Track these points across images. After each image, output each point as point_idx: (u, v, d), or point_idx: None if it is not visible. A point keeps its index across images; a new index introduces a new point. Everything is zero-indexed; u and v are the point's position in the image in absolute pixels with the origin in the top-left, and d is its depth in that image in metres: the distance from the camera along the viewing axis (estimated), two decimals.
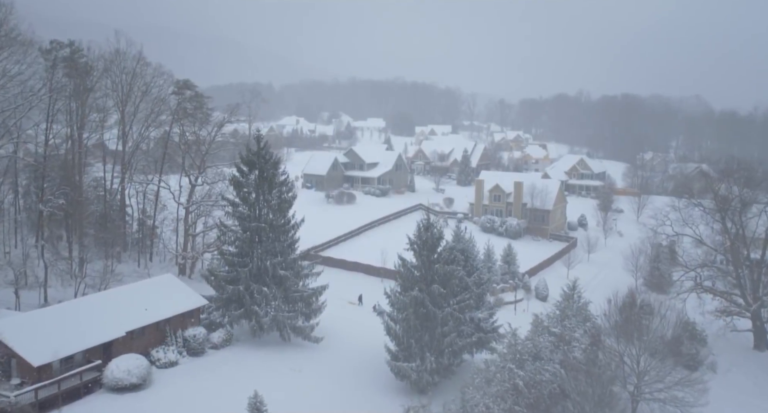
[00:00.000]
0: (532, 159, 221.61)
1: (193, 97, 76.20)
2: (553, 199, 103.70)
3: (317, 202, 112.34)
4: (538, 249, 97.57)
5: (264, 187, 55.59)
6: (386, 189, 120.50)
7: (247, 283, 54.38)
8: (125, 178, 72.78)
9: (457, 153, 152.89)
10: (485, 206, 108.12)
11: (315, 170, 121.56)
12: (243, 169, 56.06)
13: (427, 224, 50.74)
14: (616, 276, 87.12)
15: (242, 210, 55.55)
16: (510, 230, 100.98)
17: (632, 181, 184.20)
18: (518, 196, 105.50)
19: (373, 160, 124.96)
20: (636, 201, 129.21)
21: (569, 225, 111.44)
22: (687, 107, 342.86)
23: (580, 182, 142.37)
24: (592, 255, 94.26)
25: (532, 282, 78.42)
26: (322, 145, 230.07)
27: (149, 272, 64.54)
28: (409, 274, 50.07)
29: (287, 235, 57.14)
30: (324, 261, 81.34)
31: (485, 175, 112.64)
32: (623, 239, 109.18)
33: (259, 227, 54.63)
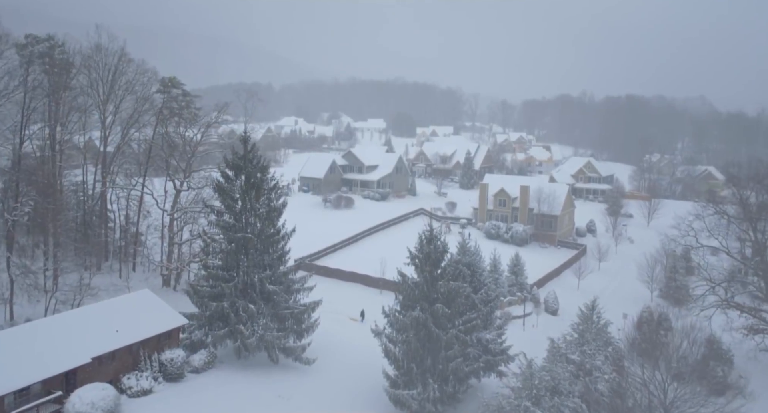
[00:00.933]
0: (536, 161, 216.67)
1: (179, 95, 71.50)
2: (561, 204, 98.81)
3: (314, 207, 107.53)
4: (545, 257, 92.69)
5: (251, 194, 50.73)
6: (386, 192, 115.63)
7: (232, 299, 49.54)
8: (106, 182, 67.92)
9: (459, 155, 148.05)
10: (490, 211, 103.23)
11: (312, 173, 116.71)
12: (228, 173, 51.23)
13: (430, 236, 45.85)
14: (629, 287, 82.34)
15: (227, 219, 50.71)
16: (516, 237, 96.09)
17: (639, 184, 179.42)
18: (524, 201, 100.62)
19: (373, 163, 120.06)
20: (646, 205, 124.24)
21: (577, 232, 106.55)
22: (692, 108, 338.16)
23: (587, 185, 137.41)
24: (602, 264, 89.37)
25: (541, 294, 73.53)
26: (321, 146, 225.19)
27: (129, 285, 59.64)
28: (410, 292, 45.19)
29: (277, 247, 52.29)
30: (319, 270, 76.60)
31: (489, 179, 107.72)
32: (634, 246, 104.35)
33: (245, 238, 49.77)
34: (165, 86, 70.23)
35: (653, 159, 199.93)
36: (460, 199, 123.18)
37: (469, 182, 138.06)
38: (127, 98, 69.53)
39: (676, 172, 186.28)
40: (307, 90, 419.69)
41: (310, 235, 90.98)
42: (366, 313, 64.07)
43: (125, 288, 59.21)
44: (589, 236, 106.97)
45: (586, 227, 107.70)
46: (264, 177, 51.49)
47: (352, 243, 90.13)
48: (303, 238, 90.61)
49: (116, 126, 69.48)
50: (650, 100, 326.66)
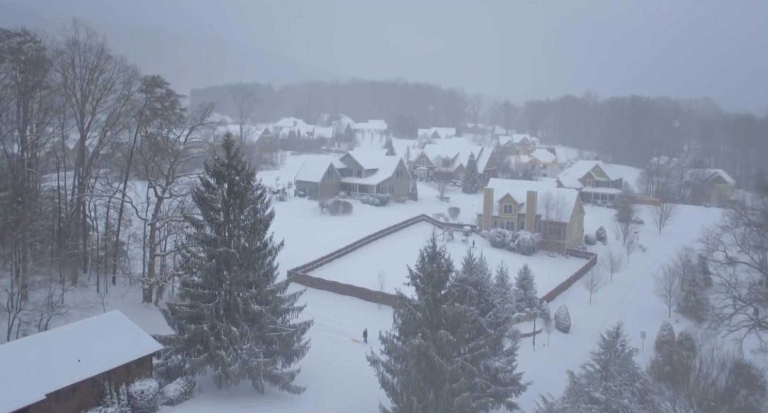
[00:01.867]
0: (540, 163, 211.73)
1: (163, 95, 66.57)
2: (570, 210, 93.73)
3: (310, 212, 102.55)
4: (554, 267, 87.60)
5: (235, 204, 45.78)
6: (386, 197, 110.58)
7: (212, 321, 44.58)
8: (83, 188, 62.91)
9: (462, 158, 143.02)
10: (495, 218, 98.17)
11: (308, 177, 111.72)
12: (209, 181, 46.26)
13: (433, 253, 40.80)
14: (645, 300, 77.21)
15: (208, 232, 45.73)
16: (523, 245, 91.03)
17: (647, 188, 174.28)
18: (531, 207, 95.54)
19: (372, 166, 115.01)
20: (656, 211, 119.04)
21: (587, 239, 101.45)
22: (697, 110, 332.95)
23: (595, 190, 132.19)
24: (615, 275, 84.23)
25: (551, 310, 68.45)
26: (321, 147, 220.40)
27: (104, 302, 54.65)
28: (410, 316, 40.23)
29: (263, 262, 47.30)
30: (313, 283, 71.71)
31: (495, 184, 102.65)
32: (647, 254, 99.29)
33: (227, 253, 44.81)
34: (147, 85, 65.34)
35: (660, 161, 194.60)
36: (463, 204, 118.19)
37: (473, 186, 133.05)
38: (106, 98, 64.60)
39: (684, 175, 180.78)
40: (307, 90, 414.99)
41: (305, 243, 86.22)
42: (369, 332, 58.63)
43: (100, 305, 54.25)
44: (599, 244, 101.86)
45: (596, 234, 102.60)
46: (249, 185, 46.53)
47: (350, 252, 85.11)
48: (298, 247, 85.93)
49: (95, 128, 64.55)
50: (655, 102, 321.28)
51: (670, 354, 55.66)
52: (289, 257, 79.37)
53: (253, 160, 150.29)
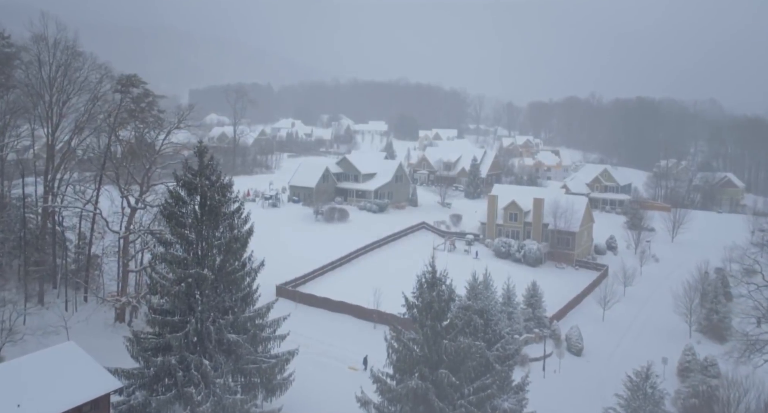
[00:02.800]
0: (544, 166, 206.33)
1: (140, 96, 61.22)
2: (579, 219, 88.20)
3: (304, 220, 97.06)
4: (563, 280, 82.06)
5: (209, 220, 40.32)
6: (384, 204, 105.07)
7: (181, 353, 39.14)
8: (50, 197, 57.52)
9: (464, 161, 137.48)
10: (499, 226, 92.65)
11: (303, 181, 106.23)
12: (179, 194, 40.81)
13: (432, 279, 35.33)
14: (661, 318, 71.67)
15: (177, 252, 40.24)
16: (529, 256, 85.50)
17: (655, 192, 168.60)
18: (538, 215, 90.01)
19: (370, 171, 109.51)
20: (667, 217, 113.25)
21: (596, 249, 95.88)
22: (703, 111, 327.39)
23: (603, 195, 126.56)
24: (628, 289, 78.64)
25: (562, 330, 62.93)
26: (319, 149, 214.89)
27: (67, 326, 49.18)
28: (406, 352, 34.78)
29: (241, 285, 41.86)
30: (304, 299, 66.34)
31: (499, 190, 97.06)
32: (660, 266, 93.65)
33: (199, 275, 39.32)
34: (123, 85, 59.96)
35: (668, 164, 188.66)
36: (465, 210, 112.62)
37: (476, 191, 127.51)
38: (79, 98, 59.29)
39: (694, 178, 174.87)
40: (307, 91, 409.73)
41: (297, 254, 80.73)
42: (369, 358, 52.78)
43: (62, 329, 48.82)
44: (609, 254, 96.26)
45: (606, 244, 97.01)
46: (224, 198, 41.08)
47: (344, 263, 79.61)
48: (289, 258, 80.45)
49: (65, 131, 59.20)
50: (660, 103, 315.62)
51: (696, 384, 50.17)
52: (279, 270, 74.11)
53: (247, 163, 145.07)
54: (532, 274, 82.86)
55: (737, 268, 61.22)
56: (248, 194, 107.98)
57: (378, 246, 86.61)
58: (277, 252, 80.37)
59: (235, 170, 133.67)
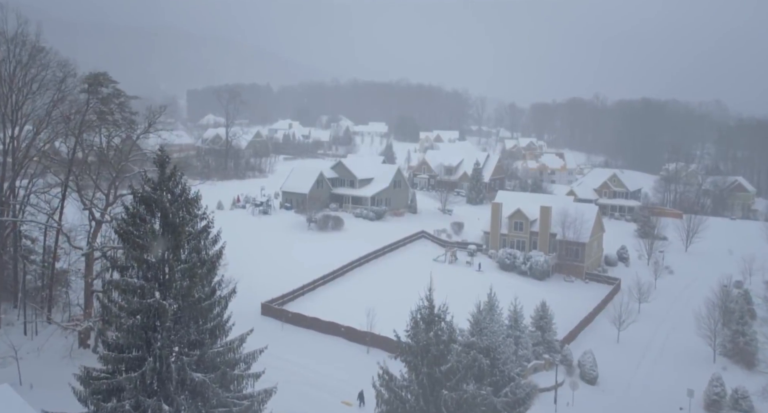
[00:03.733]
0: (549, 169, 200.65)
1: (110, 96, 55.60)
2: (590, 229, 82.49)
3: (296, 228, 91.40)
4: (572, 295, 76.41)
5: (171, 241, 34.66)
6: (381, 211, 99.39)
7: (136, 397, 33.49)
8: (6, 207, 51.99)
9: (466, 165, 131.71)
10: (503, 236, 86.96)
11: (296, 187, 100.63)
12: (137, 211, 35.15)
13: (429, 316, 29.68)
14: (681, 339, 65.90)
15: (131, 279, 34.57)
16: (536, 268, 79.84)
17: (664, 197, 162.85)
18: (545, 225, 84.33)
19: (367, 175, 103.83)
20: (679, 224, 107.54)
21: (607, 260, 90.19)
22: (708, 113, 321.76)
23: (612, 201, 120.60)
24: (642, 306, 72.97)
25: (574, 354, 57.25)
26: (317, 152, 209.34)
27: (17, 356, 43.49)
28: (398, 404, 29.11)
29: (208, 315, 36.15)
30: (291, 319, 60.73)
31: (503, 197, 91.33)
32: (675, 278, 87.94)
33: (159, 305, 33.66)
34: (90, 84, 54.33)
35: (672, 167, 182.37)
36: (467, 218, 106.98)
37: (478, 197, 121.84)
38: (41, 99, 53.79)
39: (704, 182, 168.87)
40: (307, 92, 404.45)
41: (287, 266, 75.05)
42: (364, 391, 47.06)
43: (13, 359, 43.18)
44: (620, 265, 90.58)
45: (617, 254, 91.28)
46: (190, 215, 35.44)
47: (338, 277, 73.92)
48: (278, 271, 74.69)
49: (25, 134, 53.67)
50: (666, 104, 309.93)
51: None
52: (266, 284, 68.55)
53: (240, 166, 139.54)
54: (539, 289, 77.34)
55: (758, 281, 55.26)
56: (238, 200, 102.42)
57: (374, 258, 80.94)
58: (266, 265, 74.98)
59: (227, 174, 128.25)
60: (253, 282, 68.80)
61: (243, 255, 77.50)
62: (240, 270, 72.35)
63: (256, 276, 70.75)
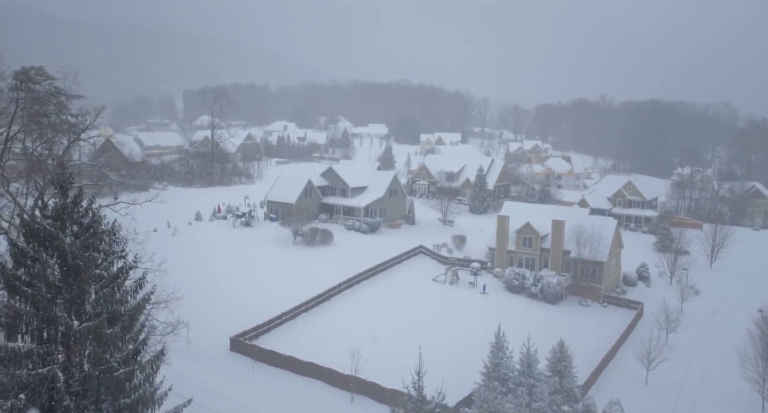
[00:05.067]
0: (555, 173, 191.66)
1: (46, 95, 46.78)
2: (608, 246, 73.39)
3: (280, 243, 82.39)
4: (590, 323, 67.30)
5: (73, 290, 25.72)
6: (376, 223, 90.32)
7: None
8: None
9: (469, 170, 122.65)
10: (511, 253, 77.95)
11: (281, 196, 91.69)
12: (23, 250, 26.18)
13: None
14: (718, 378, 56.73)
15: (16, 345, 25.53)
16: (547, 291, 70.78)
17: (678, 204, 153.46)
18: (558, 241, 75.28)
19: (360, 183, 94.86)
20: (703, 236, 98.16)
21: (625, 279, 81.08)
22: (717, 115, 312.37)
23: (627, 211, 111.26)
24: (670, 336, 63.82)
25: (598, 404, 48.11)
26: (312, 155, 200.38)
27: None
28: None
29: (125, 387, 27.20)
30: (264, 356, 51.77)
31: (510, 209, 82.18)
32: (702, 299, 78.53)
33: (54, 378, 24.78)
34: (21, 80, 45.54)
35: (684, 172, 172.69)
36: (470, 229, 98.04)
37: (482, 205, 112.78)
38: None
39: (720, 188, 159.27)
40: (305, 92, 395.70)
41: (266, 289, 65.69)
42: None
43: None
44: (641, 285, 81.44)
45: (637, 273, 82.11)
46: (99, 255, 26.48)
47: (323, 301, 64.89)
48: (255, 295, 65.49)
49: None
50: (675, 106, 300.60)
51: None
52: (240, 313, 59.47)
53: (227, 171, 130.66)
54: (551, 315, 68.39)
55: None
56: (219, 210, 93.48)
57: (366, 278, 71.94)
58: (240, 287, 66.04)
59: (211, 180, 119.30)
60: (223, 309, 60.02)
61: (215, 275, 68.67)
62: (209, 294, 63.63)
63: (228, 302, 61.97)
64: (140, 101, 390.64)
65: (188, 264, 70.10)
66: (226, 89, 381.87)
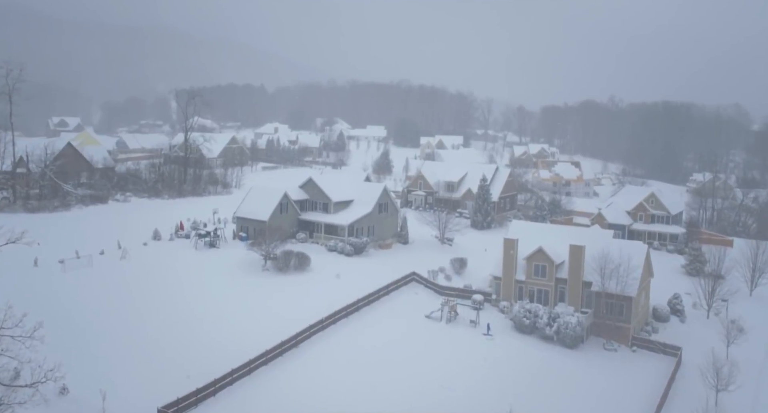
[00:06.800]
0: (563, 180, 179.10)
1: None
2: (638, 278, 60.78)
3: (247, 269, 69.71)
4: (619, 374, 54.76)
5: None
6: (362, 243, 77.73)
7: None
8: None
9: (471, 179, 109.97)
10: (520, 283, 65.44)
11: (253, 212, 79.22)
12: None
13: None
14: None
15: None
16: (565, 333, 58.25)
17: (698, 216, 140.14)
18: (577, 270, 62.75)
19: (345, 197, 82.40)
20: (741, 257, 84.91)
21: (655, 313, 68.50)
22: (731, 117, 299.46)
23: (650, 227, 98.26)
24: (720, 395, 51.24)
25: None
26: (304, 159, 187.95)
27: None
28: None
29: None
30: None
31: (518, 230, 69.46)
32: (748, 340, 65.26)
33: None
34: None
35: (711, 179, 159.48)
36: (472, 249, 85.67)
37: (485, 220, 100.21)
38: None
39: (745, 198, 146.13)
40: (302, 93, 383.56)
41: (219, 333, 52.95)
42: None
43: None
44: (674, 320, 68.81)
45: (669, 306, 69.43)
46: None
47: (290, 349, 52.33)
48: (204, 341, 53.16)
49: None
50: (688, 108, 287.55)
51: None
52: (181, 368, 47.35)
53: (203, 179, 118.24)
54: (571, 363, 55.92)
55: None
56: (181, 227, 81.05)
57: (344, 316, 59.41)
58: (188, 331, 53.34)
59: (183, 190, 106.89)
60: (158, 365, 47.39)
61: (157, 314, 55.63)
62: (145, 342, 51.20)
63: (166, 353, 49.37)
64: (132, 101, 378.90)
65: (126, 299, 57.86)
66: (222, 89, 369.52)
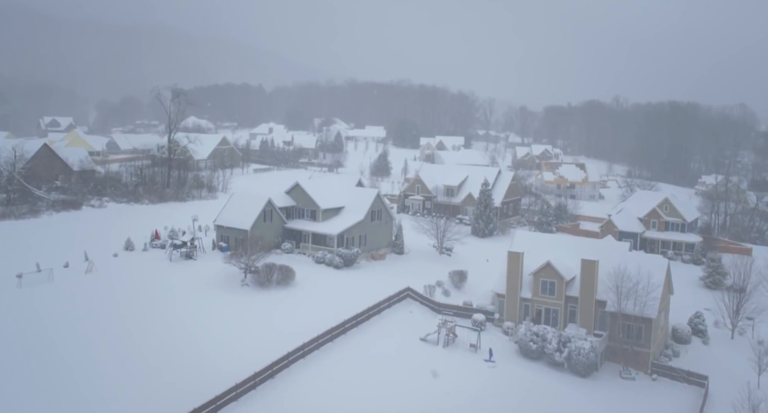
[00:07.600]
0: (567, 182, 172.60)
1: None
2: (658, 298, 54.27)
3: (225, 283, 63.34)
4: (639, 409, 48.23)
5: None
6: (352, 255, 71.26)
7: None
8: None
9: (471, 183, 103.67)
10: (526, 301, 58.96)
11: (234, 220, 72.83)
12: None
13: None
14: None
15: None
16: (577, 360, 51.76)
17: (711, 220, 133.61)
18: (589, 287, 56.28)
19: (334, 204, 76.01)
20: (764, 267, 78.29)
21: (675, 334, 61.96)
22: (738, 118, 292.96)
23: (663, 236, 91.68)
24: None
25: None
26: (299, 160, 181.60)
27: None
28: None
29: None
30: None
31: (524, 242, 62.87)
32: None
33: None
34: None
35: (723, 182, 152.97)
36: (473, 259, 79.39)
37: (487, 227, 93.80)
38: None
39: (759, 202, 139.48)
40: (301, 93, 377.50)
41: (187, 362, 46.75)
42: None
43: None
44: (695, 342, 62.25)
45: (691, 325, 62.86)
46: None
47: (261, 384, 45.92)
48: (171, 372, 47.04)
49: None
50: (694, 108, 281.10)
51: None
52: (139, 406, 41.12)
53: (187, 183, 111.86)
54: (584, 395, 49.40)
55: None
56: (157, 236, 74.69)
57: (329, 340, 52.96)
58: (153, 358, 47.02)
59: (164, 194, 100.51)
60: (115, 396, 41.06)
61: (119, 338, 49.34)
62: (100, 371, 44.77)
63: (125, 383, 42.88)
64: (128, 101, 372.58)
65: (86, 319, 51.61)
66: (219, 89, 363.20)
